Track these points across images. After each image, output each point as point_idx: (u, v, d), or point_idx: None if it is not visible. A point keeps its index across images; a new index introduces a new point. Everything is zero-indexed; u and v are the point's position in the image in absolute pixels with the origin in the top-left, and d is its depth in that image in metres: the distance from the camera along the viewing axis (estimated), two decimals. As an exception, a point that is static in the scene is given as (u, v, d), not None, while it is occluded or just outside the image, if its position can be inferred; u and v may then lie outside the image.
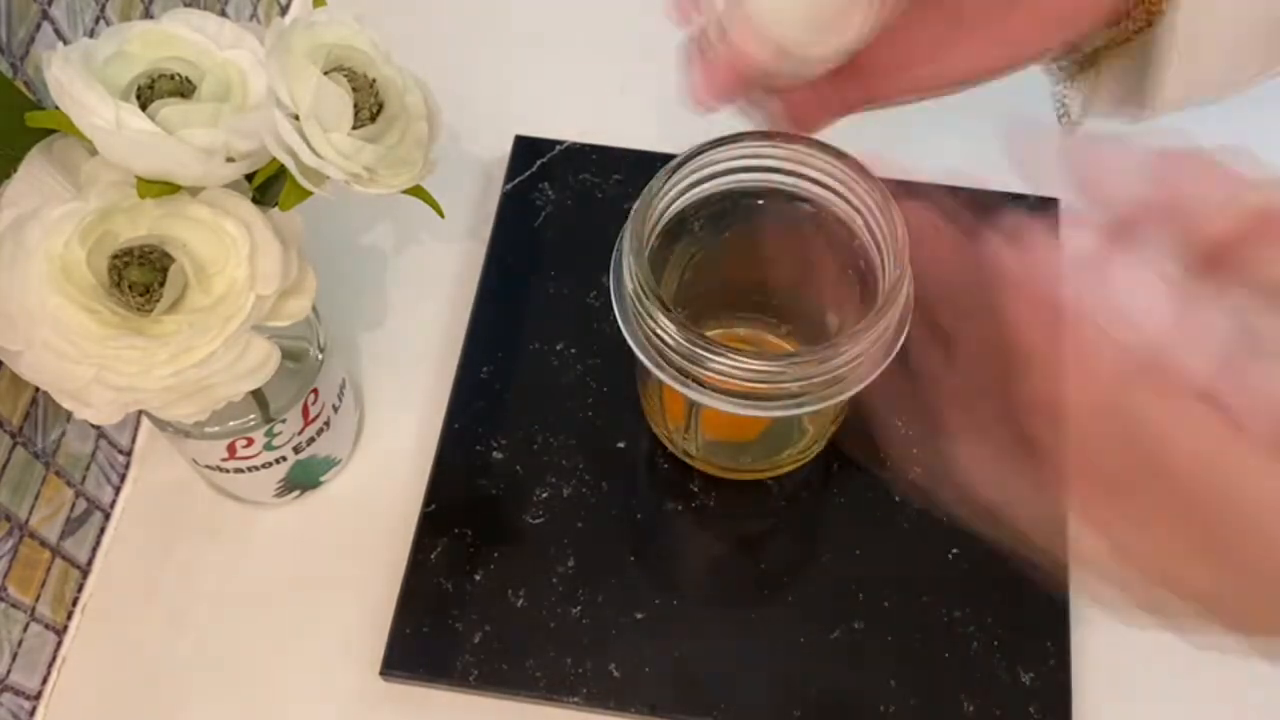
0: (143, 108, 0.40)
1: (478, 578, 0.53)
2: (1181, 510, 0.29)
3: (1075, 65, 0.43)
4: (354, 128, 0.41)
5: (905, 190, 0.43)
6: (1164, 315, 0.29)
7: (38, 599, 0.50)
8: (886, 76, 0.42)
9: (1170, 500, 0.29)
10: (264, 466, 0.52)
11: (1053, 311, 0.30)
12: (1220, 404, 0.28)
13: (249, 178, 0.43)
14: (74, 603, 0.53)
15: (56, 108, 0.40)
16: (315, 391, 0.51)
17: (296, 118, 0.40)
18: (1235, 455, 0.28)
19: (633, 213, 0.44)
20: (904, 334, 0.45)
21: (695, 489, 0.55)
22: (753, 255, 0.53)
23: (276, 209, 0.42)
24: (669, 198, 0.46)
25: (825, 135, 0.46)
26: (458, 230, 0.63)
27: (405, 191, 0.44)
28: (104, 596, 0.54)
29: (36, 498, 0.49)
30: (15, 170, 0.41)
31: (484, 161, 0.65)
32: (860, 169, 0.45)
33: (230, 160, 0.40)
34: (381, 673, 0.51)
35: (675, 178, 0.45)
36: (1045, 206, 0.60)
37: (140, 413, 0.55)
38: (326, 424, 0.53)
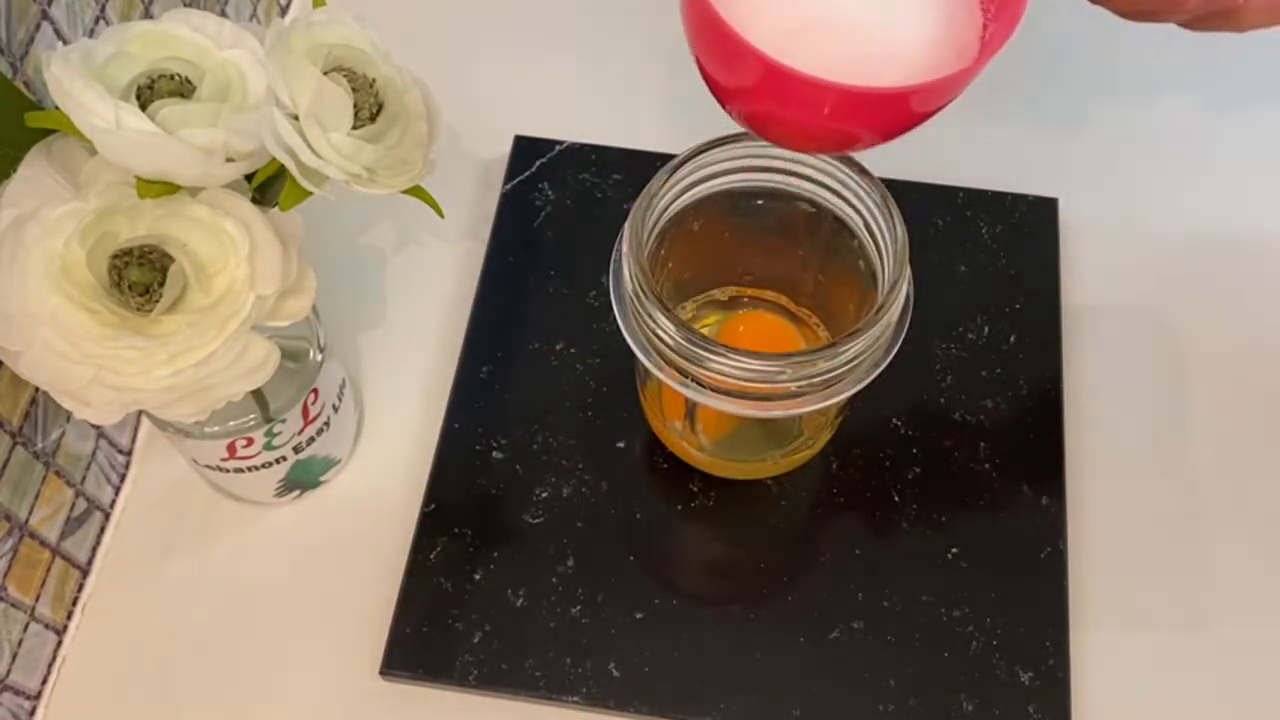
0: (142, 108, 0.40)
1: (477, 577, 0.53)
2: None
3: None
4: (354, 128, 0.41)
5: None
6: None
7: (38, 599, 0.50)
8: None
9: None
10: (264, 466, 0.52)
11: None
12: None
13: (249, 178, 0.43)
14: (74, 603, 0.53)
15: (56, 108, 0.39)
16: (315, 391, 0.51)
17: (296, 118, 0.40)
18: None
19: (632, 213, 0.44)
20: (903, 334, 0.45)
21: (695, 489, 0.55)
22: (752, 252, 0.53)
23: (276, 209, 0.42)
24: (669, 198, 0.46)
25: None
26: (458, 230, 0.63)
27: (405, 191, 0.44)
28: (104, 596, 0.54)
29: (36, 498, 0.49)
30: (15, 170, 0.41)
31: (484, 161, 0.65)
32: (860, 169, 0.45)
33: (230, 160, 0.40)
34: (381, 673, 0.51)
35: (675, 178, 0.45)
36: (1045, 206, 0.60)
37: (140, 413, 0.55)
38: (326, 424, 0.53)
